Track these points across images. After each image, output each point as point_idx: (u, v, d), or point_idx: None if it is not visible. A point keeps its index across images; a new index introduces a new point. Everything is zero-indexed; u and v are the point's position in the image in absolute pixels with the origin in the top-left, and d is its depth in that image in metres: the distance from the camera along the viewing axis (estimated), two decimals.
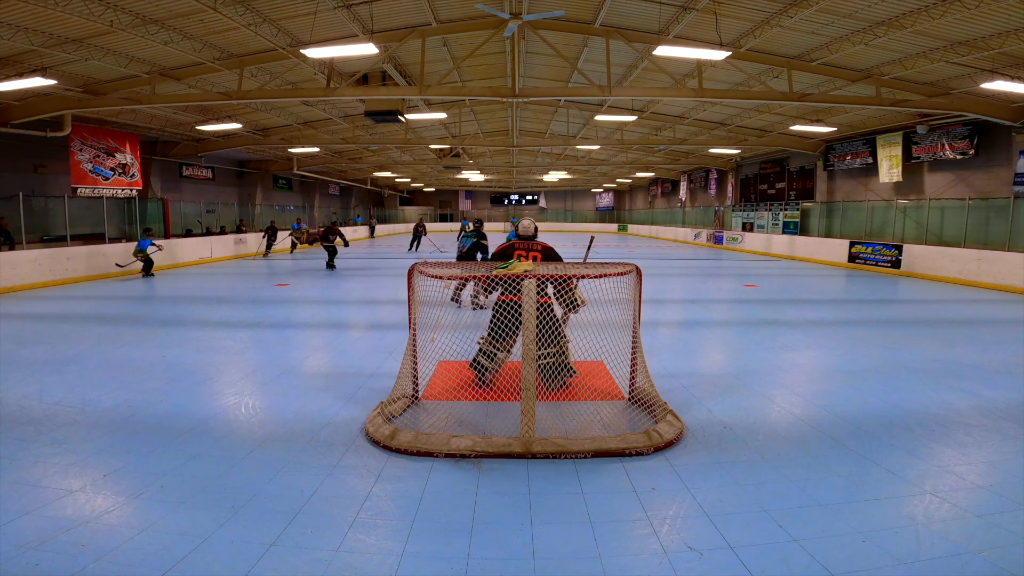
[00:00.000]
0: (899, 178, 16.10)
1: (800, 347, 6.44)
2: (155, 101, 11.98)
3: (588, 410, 4.27)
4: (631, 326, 4.42)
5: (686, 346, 6.66)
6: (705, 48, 10.00)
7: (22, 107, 12.07)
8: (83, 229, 14.12)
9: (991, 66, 10.26)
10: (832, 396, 4.71)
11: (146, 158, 17.95)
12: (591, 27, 11.19)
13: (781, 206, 21.72)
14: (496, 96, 12.02)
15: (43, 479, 3.16)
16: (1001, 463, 3.44)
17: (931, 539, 2.63)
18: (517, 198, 47.47)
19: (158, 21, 9.38)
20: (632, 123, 19.53)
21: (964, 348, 6.39)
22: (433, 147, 23.37)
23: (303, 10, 9.53)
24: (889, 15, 9.05)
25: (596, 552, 2.55)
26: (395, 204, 45.61)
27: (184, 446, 3.63)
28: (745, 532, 2.69)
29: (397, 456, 3.50)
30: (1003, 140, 13.17)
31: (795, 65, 11.60)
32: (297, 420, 4.10)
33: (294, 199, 30.07)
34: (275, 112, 16.71)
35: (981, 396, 4.67)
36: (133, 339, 6.69)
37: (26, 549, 2.50)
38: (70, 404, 4.39)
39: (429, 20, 10.79)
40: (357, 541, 2.62)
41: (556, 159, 29.21)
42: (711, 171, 28.11)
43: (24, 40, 9.28)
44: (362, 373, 5.30)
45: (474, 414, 4.07)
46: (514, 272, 3.86)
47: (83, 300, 9.85)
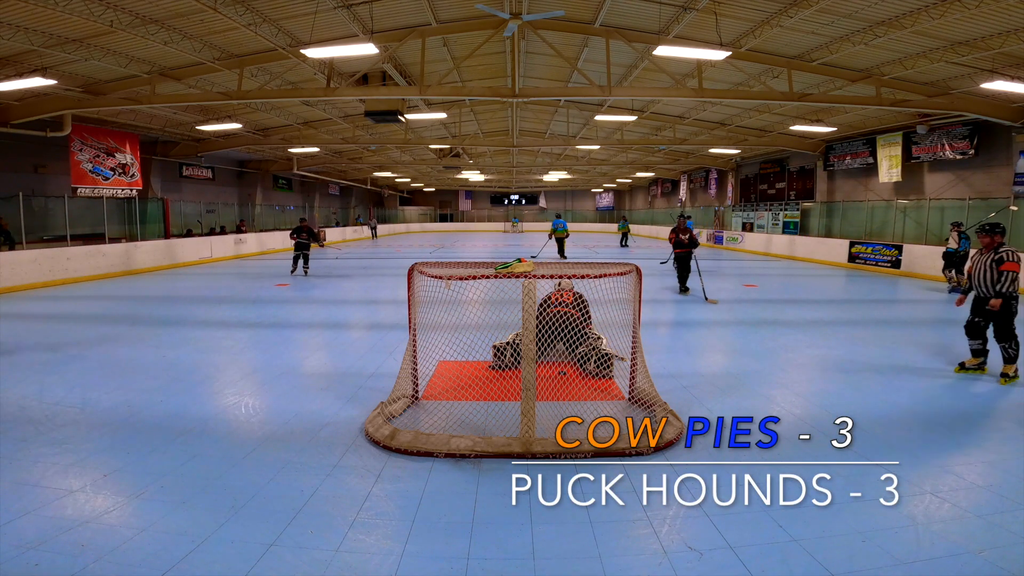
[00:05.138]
0: (899, 178, 16.10)
1: (800, 347, 6.44)
2: (155, 101, 11.98)
3: (588, 410, 4.26)
4: (631, 326, 4.43)
5: (686, 346, 6.66)
6: (705, 48, 10.01)
7: (22, 107, 12.06)
8: (83, 229, 14.12)
9: (991, 66, 10.25)
10: (832, 396, 4.71)
11: (146, 158, 17.95)
12: (591, 27, 11.19)
13: (781, 206, 21.72)
14: (496, 96, 12.03)
15: (43, 479, 3.16)
16: (1001, 463, 3.44)
17: (931, 539, 2.63)
18: (517, 198, 47.40)
19: (158, 21, 9.37)
20: (632, 123, 19.52)
21: (964, 348, 6.37)
22: (433, 147, 23.36)
23: (303, 10, 9.52)
24: (889, 15, 9.05)
25: (596, 552, 2.55)
26: (395, 204, 45.55)
27: (184, 446, 3.63)
28: (745, 532, 2.69)
29: (397, 456, 3.50)
30: (1003, 140, 13.17)
31: (795, 65, 11.60)
32: (297, 420, 4.10)
33: (294, 199, 30.06)
34: (275, 112, 16.71)
35: (981, 396, 4.67)
36: (133, 339, 6.69)
37: (26, 549, 2.50)
38: (70, 404, 4.39)
39: (429, 20, 10.78)
40: (357, 541, 2.62)
41: (556, 159, 29.20)
42: (711, 171, 28.11)
43: (24, 40, 9.28)
44: (362, 373, 5.30)
45: (474, 414, 4.07)
46: (514, 273, 3.86)
47: (83, 300, 9.85)
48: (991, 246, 5.26)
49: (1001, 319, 5.10)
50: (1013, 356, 5.15)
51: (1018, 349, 5.15)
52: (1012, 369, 5.15)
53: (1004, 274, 5.07)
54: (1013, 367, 5.15)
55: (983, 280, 5.22)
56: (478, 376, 5.02)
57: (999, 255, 5.14)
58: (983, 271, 5.23)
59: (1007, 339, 5.13)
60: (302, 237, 13.26)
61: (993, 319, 5.14)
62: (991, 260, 5.17)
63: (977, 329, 5.32)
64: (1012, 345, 5.13)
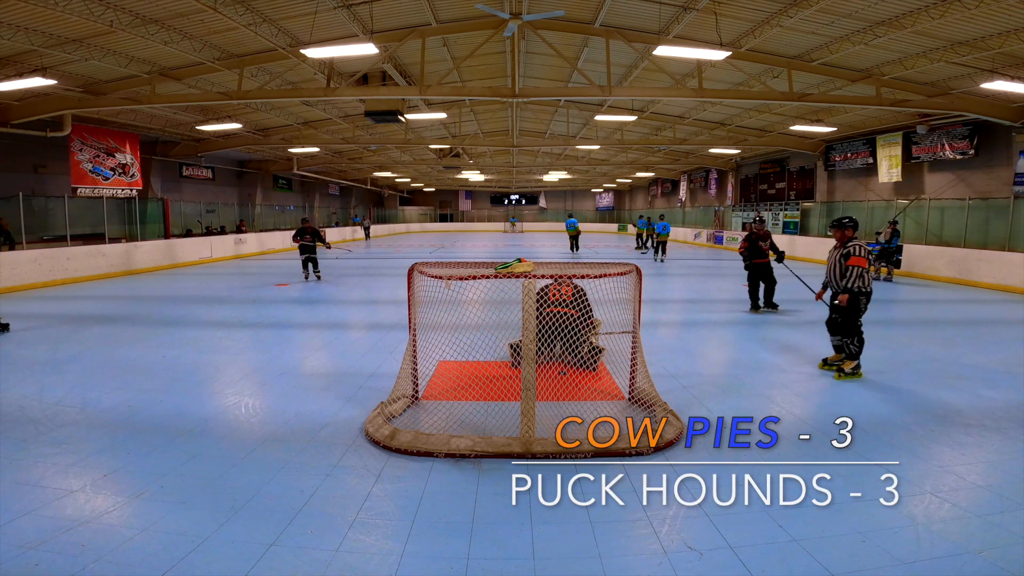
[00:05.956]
0: (899, 178, 16.10)
1: (800, 347, 6.44)
2: (155, 101, 11.98)
3: (588, 410, 4.26)
4: (631, 326, 4.42)
5: (686, 346, 6.66)
6: (705, 48, 10.01)
7: (22, 107, 12.07)
8: (83, 229, 14.11)
9: (991, 66, 10.25)
10: (832, 396, 4.71)
11: (146, 158, 17.95)
12: (591, 27, 11.19)
13: (781, 206, 21.72)
14: (496, 96, 12.03)
15: (43, 479, 3.16)
16: (1001, 463, 3.44)
17: (931, 539, 2.63)
18: (517, 198, 47.41)
19: (158, 21, 9.37)
20: (632, 123, 19.52)
21: (964, 348, 6.39)
22: (433, 147, 23.37)
23: (303, 10, 9.53)
24: (889, 15, 9.05)
25: (596, 552, 2.55)
26: (395, 204, 45.54)
27: (184, 446, 3.63)
28: (745, 532, 2.69)
29: (397, 456, 3.50)
30: (1003, 140, 13.17)
31: (795, 65, 11.60)
32: (297, 420, 4.10)
33: (294, 199, 30.06)
34: (275, 112, 16.70)
35: (981, 396, 4.67)
36: (133, 339, 6.68)
37: (26, 549, 2.50)
38: (70, 404, 4.39)
39: (429, 20, 10.78)
40: (357, 541, 2.62)
41: (556, 159, 29.20)
42: (711, 171, 28.11)
43: (24, 40, 9.28)
44: (362, 373, 5.30)
45: (474, 414, 4.06)
46: (514, 273, 3.86)
47: (83, 300, 9.85)
48: (842, 240, 5.21)
49: (844, 314, 5.05)
50: (854, 352, 5.11)
51: (860, 347, 5.10)
52: (851, 366, 5.11)
53: (850, 269, 5.01)
54: (853, 363, 5.11)
55: (834, 275, 5.18)
56: (478, 376, 5.02)
57: (847, 250, 5.10)
58: (833, 266, 5.19)
59: (849, 335, 5.08)
60: (306, 239, 12.07)
61: (839, 314, 5.10)
62: (840, 255, 5.13)
63: (835, 325, 5.24)
64: (854, 341, 5.08)
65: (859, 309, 5.06)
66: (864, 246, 5.13)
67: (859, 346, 5.09)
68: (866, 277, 5.03)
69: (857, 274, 4.99)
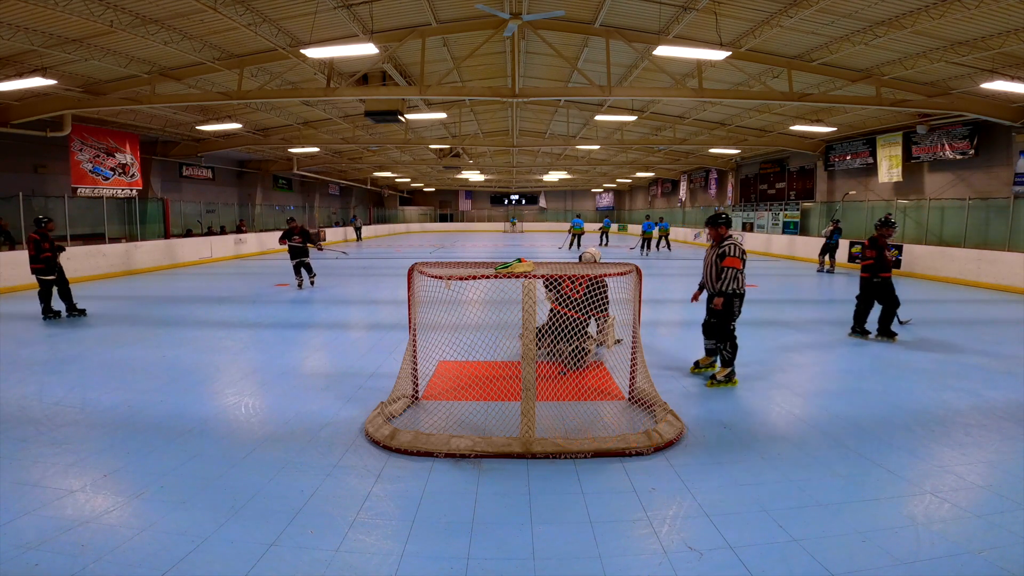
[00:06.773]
0: (899, 178, 16.11)
1: (800, 347, 6.44)
2: (155, 101, 11.98)
3: (588, 410, 4.27)
4: (631, 326, 4.42)
5: (686, 346, 6.66)
6: (705, 48, 10.01)
7: (22, 107, 12.07)
8: (83, 229, 14.13)
9: (991, 66, 10.26)
10: (832, 396, 4.71)
11: (146, 158, 17.96)
12: (591, 27, 11.19)
13: (781, 206, 21.72)
14: (496, 96, 12.02)
15: (43, 479, 3.16)
16: (1001, 463, 3.44)
17: (931, 539, 2.63)
18: (517, 198, 47.43)
19: (158, 21, 9.38)
20: (632, 123, 19.54)
21: (964, 348, 6.39)
22: (433, 147, 23.37)
23: (303, 10, 9.53)
24: (889, 15, 9.05)
25: (596, 552, 2.55)
26: (395, 204, 45.56)
27: (184, 446, 3.63)
28: (745, 532, 2.69)
29: (397, 456, 3.50)
30: (1003, 140, 13.17)
31: (795, 65, 11.60)
32: (297, 420, 4.10)
33: (294, 199, 30.08)
34: (275, 112, 16.71)
35: (981, 396, 4.67)
36: (133, 339, 6.68)
37: (26, 549, 2.50)
38: (70, 404, 4.39)
39: (429, 20, 10.79)
40: (357, 541, 2.62)
41: (556, 159, 29.22)
42: (711, 171, 28.11)
43: (24, 40, 9.28)
44: (362, 373, 5.30)
45: (474, 414, 4.07)
46: (514, 273, 3.85)
47: (83, 300, 9.84)
48: (717, 239, 4.89)
49: (718, 317, 4.80)
50: (727, 359, 4.83)
51: (734, 352, 4.82)
52: (724, 373, 4.84)
53: (724, 271, 4.72)
54: (726, 371, 4.85)
55: (710, 276, 4.90)
56: (478, 376, 5.02)
57: (722, 249, 4.79)
58: (709, 266, 4.90)
59: (722, 339, 4.81)
60: (294, 241, 10.86)
61: (714, 317, 4.87)
62: (716, 255, 4.84)
63: (710, 328, 5.02)
64: (727, 347, 4.81)
65: (732, 312, 4.79)
66: (739, 245, 4.82)
67: (732, 352, 4.82)
68: (740, 279, 4.75)
69: (731, 276, 4.71)
